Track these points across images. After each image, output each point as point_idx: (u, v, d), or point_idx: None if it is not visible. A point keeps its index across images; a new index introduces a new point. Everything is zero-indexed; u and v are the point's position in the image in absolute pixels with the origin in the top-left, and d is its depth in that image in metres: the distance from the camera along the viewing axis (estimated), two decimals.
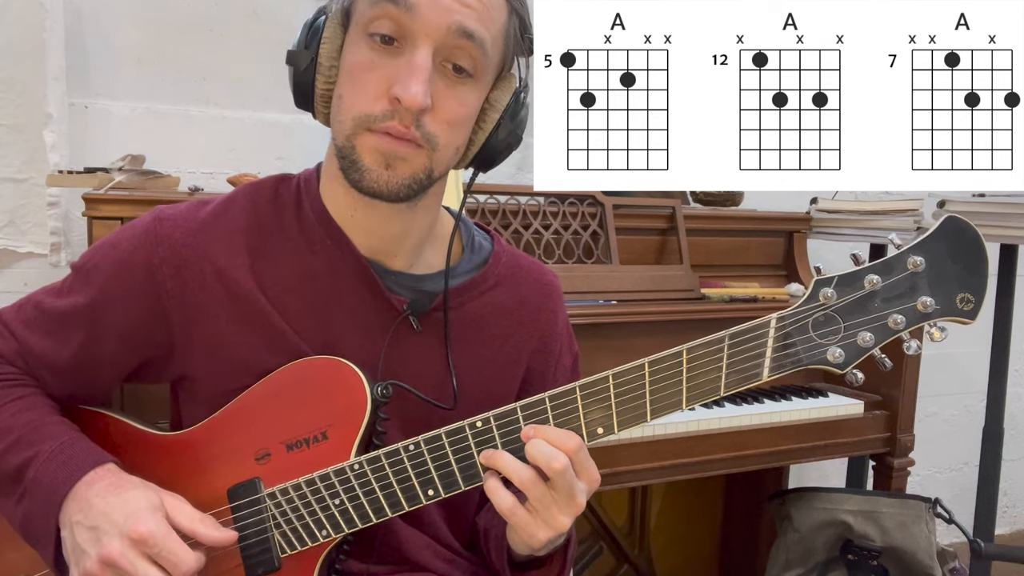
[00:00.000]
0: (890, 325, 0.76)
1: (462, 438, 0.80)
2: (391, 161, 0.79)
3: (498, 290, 0.95)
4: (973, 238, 0.75)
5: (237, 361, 0.86)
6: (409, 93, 0.75)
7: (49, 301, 0.89)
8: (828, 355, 0.76)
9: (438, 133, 0.80)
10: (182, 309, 0.85)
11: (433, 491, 0.81)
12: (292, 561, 0.84)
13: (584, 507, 0.79)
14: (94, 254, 0.89)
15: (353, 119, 0.79)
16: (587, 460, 0.78)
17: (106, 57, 1.67)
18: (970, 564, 1.82)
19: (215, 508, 0.85)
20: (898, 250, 0.76)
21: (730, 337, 0.77)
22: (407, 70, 0.76)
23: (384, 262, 0.90)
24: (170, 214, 0.87)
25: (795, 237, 1.94)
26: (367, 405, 0.83)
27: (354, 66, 0.80)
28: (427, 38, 0.77)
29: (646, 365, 0.78)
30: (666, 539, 2.09)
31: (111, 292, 0.86)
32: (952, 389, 2.64)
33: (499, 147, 0.88)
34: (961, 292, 0.75)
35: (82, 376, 0.89)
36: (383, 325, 0.89)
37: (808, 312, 0.77)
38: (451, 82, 0.80)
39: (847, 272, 0.76)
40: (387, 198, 0.81)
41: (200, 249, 0.85)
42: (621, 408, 0.78)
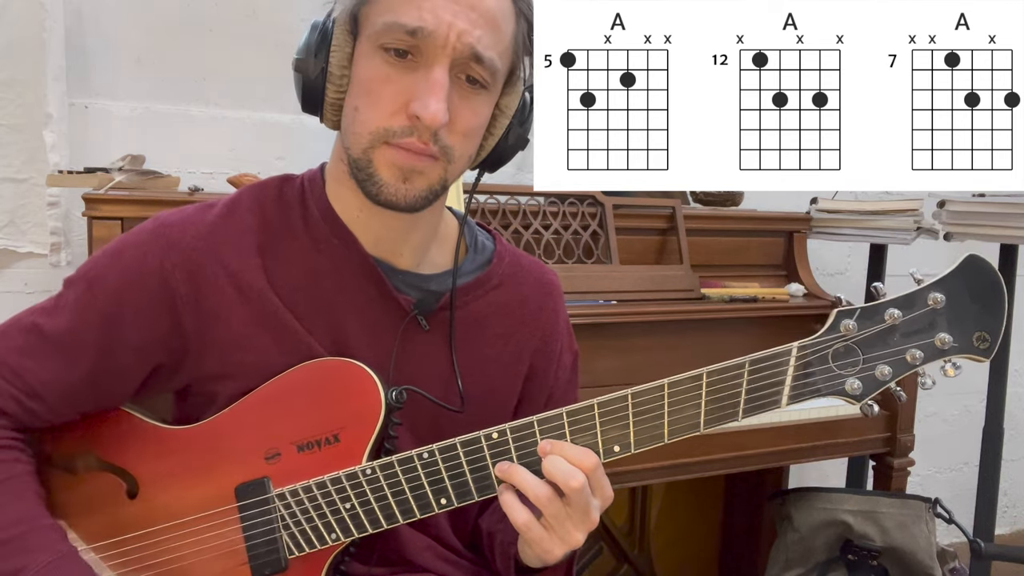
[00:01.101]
0: (908, 359, 0.76)
1: (477, 449, 0.80)
2: (408, 175, 0.79)
3: (501, 289, 0.95)
4: (993, 278, 0.76)
5: (250, 364, 0.85)
6: (429, 112, 0.76)
7: (48, 322, 0.84)
8: (846, 386, 0.77)
9: (454, 145, 0.80)
10: (196, 314, 0.84)
11: (446, 500, 0.81)
12: (299, 563, 0.84)
13: (598, 523, 0.79)
14: (95, 265, 0.86)
15: (371, 133, 0.79)
16: (603, 478, 0.78)
17: (106, 57, 1.67)
18: (970, 564, 1.82)
19: (222, 505, 0.84)
20: (919, 285, 0.77)
21: (751, 363, 0.77)
22: (426, 87, 0.77)
23: (391, 261, 0.90)
24: (175, 219, 0.86)
25: (795, 237, 1.94)
26: (381, 409, 0.83)
27: (369, 79, 0.79)
28: (444, 58, 0.77)
29: (666, 386, 0.78)
30: (666, 539, 2.09)
31: (123, 302, 0.83)
32: (952, 389, 2.64)
33: (508, 150, 0.90)
34: (978, 331, 0.76)
35: (94, 394, 0.86)
36: (391, 324, 0.89)
37: (829, 342, 0.77)
38: (465, 93, 0.80)
39: (868, 305, 0.77)
40: (404, 210, 0.81)
41: (211, 252, 0.84)
42: (639, 428, 0.79)
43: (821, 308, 1.81)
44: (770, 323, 1.76)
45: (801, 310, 1.79)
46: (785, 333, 1.80)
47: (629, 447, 0.79)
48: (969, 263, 0.76)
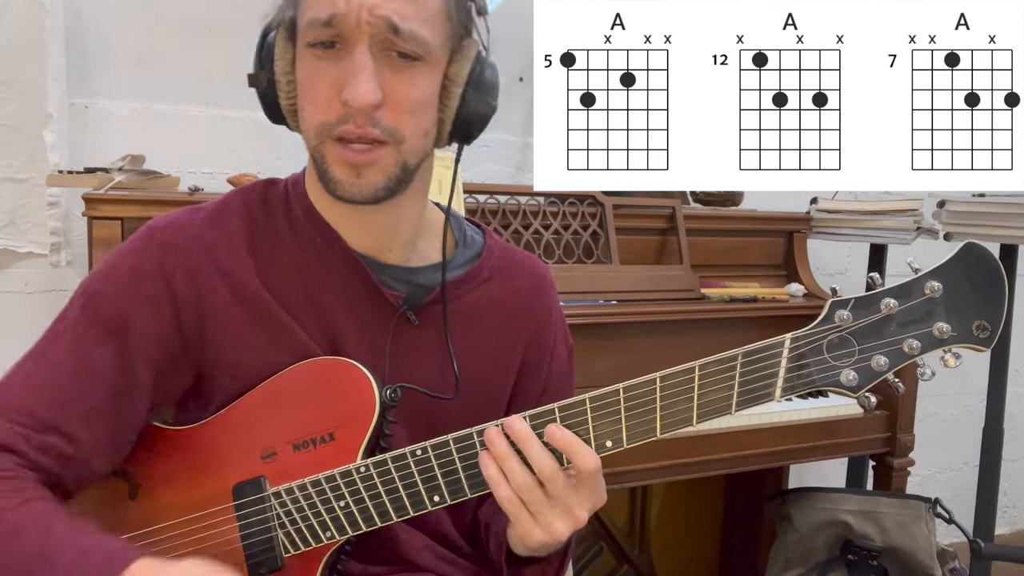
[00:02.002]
0: (905, 350, 0.75)
1: (470, 445, 0.80)
2: (360, 170, 0.79)
3: (492, 283, 0.95)
4: (993, 266, 0.74)
5: (247, 363, 0.85)
6: (357, 94, 0.75)
7: (50, 348, 0.82)
8: (842, 377, 0.76)
9: (398, 124, 0.79)
10: (196, 317, 0.84)
11: (439, 497, 0.81)
12: (295, 561, 0.84)
13: (585, 522, 0.79)
14: (92, 282, 0.84)
15: (314, 129, 0.79)
16: (599, 481, 0.79)
17: (106, 57, 1.67)
18: (970, 564, 1.82)
19: (219, 504, 0.85)
20: (916, 274, 0.75)
21: (743, 355, 0.76)
22: (350, 72, 0.76)
23: (377, 256, 0.90)
24: (166, 222, 0.86)
25: (795, 237, 1.94)
26: (375, 408, 0.83)
27: (305, 78, 0.80)
28: (360, 38, 0.76)
29: (657, 380, 0.77)
30: (666, 539, 2.09)
31: (127, 310, 0.82)
32: (952, 389, 2.64)
33: (471, 118, 0.85)
34: (978, 319, 0.74)
35: (115, 415, 0.82)
36: (381, 321, 0.89)
37: (823, 333, 0.76)
38: (398, 68, 0.78)
39: (863, 295, 0.76)
40: (366, 203, 0.81)
41: (206, 253, 0.85)
42: (631, 422, 0.78)
43: (821, 308, 1.81)
44: (770, 323, 1.76)
45: (801, 310, 1.79)
46: (785, 333, 1.80)
47: (622, 442, 0.78)
48: (967, 251, 0.74)
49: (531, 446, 0.77)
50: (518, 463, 0.77)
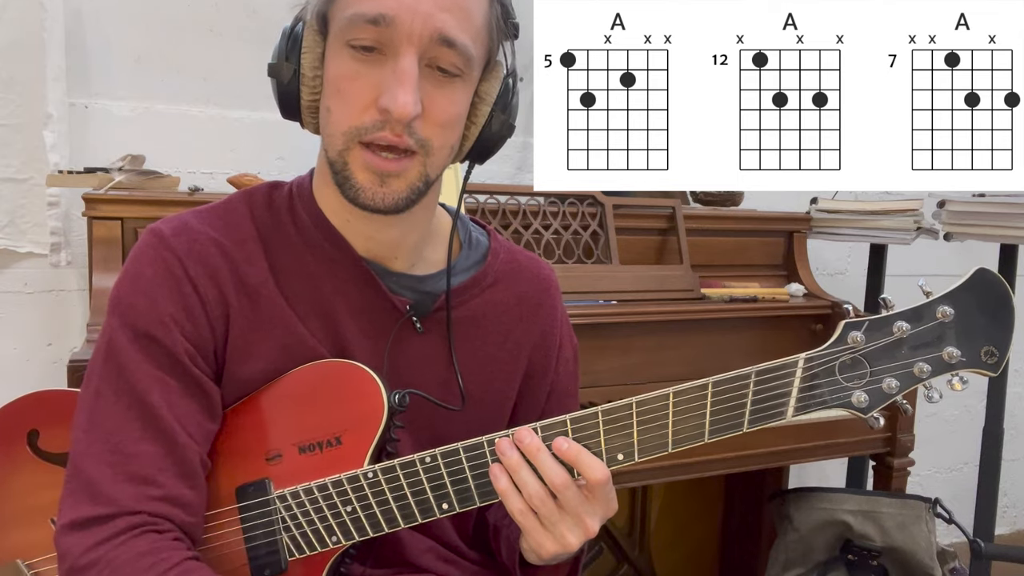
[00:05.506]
0: (915, 373, 0.75)
1: (480, 454, 0.79)
2: (384, 179, 0.78)
3: (497, 287, 0.95)
4: (1002, 292, 0.75)
5: (258, 369, 0.85)
6: (398, 103, 0.74)
7: (126, 379, 0.79)
8: (852, 399, 0.76)
9: (431, 137, 0.78)
10: (217, 316, 0.83)
11: (448, 505, 0.80)
12: (299, 564, 0.84)
13: (596, 532, 0.79)
14: (119, 296, 0.82)
15: (344, 133, 0.77)
16: (607, 489, 0.79)
17: (106, 57, 1.67)
18: (970, 564, 1.82)
19: (223, 506, 0.84)
20: (928, 298, 0.76)
21: (756, 374, 0.76)
22: (394, 79, 0.75)
23: (384, 263, 0.89)
24: (176, 227, 0.84)
25: (795, 237, 1.94)
26: (383, 413, 0.82)
27: (339, 77, 0.78)
28: (410, 46, 0.75)
29: (671, 395, 0.77)
30: (666, 539, 2.09)
31: (163, 318, 0.80)
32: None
33: (493, 139, 0.86)
34: (986, 345, 0.75)
35: (199, 413, 0.82)
36: (388, 327, 0.88)
37: (836, 354, 0.76)
38: (439, 83, 0.78)
39: (877, 316, 0.76)
40: (385, 212, 0.80)
41: (220, 257, 0.84)
42: (643, 436, 0.78)
43: (821, 308, 1.81)
44: (770, 323, 1.76)
45: (801, 310, 1.79)
46: (785, 333, 1.81)
47: (633, 456, 0.78)
48: (978, 277, 0.75)
49: (542, 458, 0.77)
50: (530, 474, 0.77)
